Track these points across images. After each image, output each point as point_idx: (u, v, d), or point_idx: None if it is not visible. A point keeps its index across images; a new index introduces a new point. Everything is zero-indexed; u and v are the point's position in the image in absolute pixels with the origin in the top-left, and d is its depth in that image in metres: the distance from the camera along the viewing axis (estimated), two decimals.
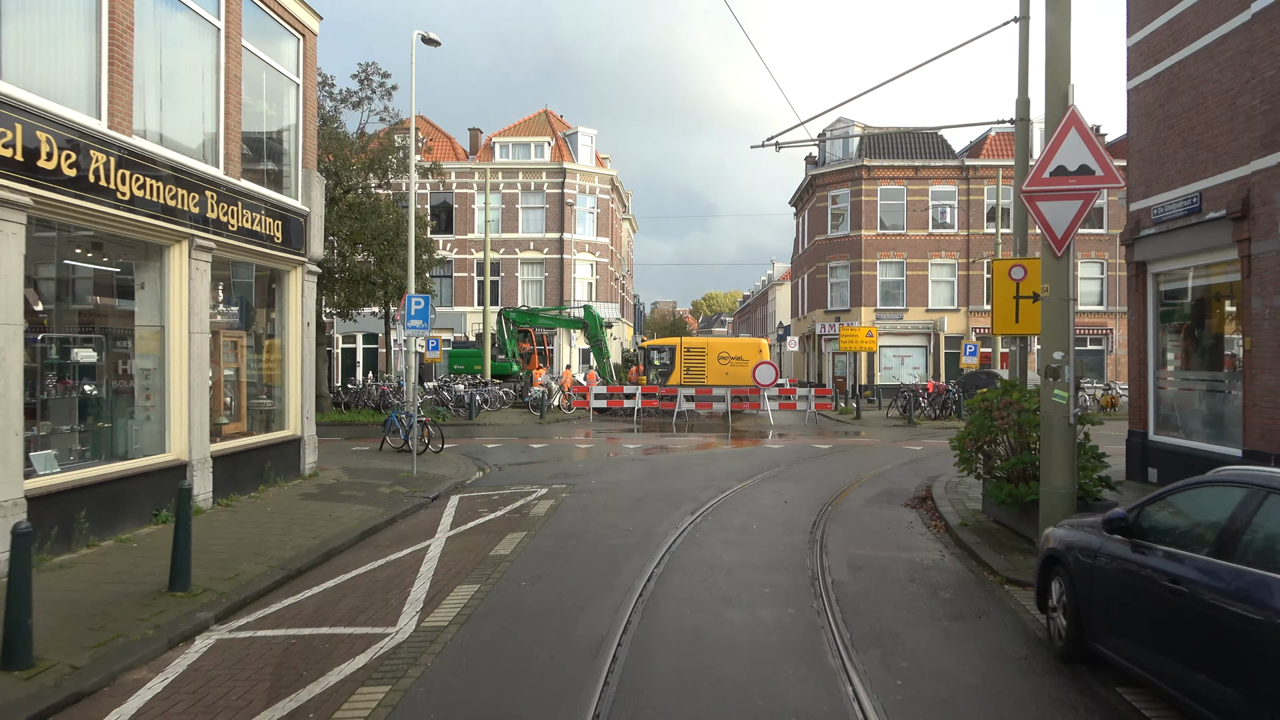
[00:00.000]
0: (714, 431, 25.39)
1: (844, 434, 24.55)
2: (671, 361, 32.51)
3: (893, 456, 18.75)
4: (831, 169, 45.21)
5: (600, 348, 35.83)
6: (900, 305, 43.82)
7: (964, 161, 43.56)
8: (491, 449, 20.35)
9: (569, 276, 45.57)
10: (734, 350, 32.32)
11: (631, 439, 23.04)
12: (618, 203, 52.30)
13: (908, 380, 43.46)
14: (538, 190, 45.71)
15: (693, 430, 25.82)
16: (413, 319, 15.46)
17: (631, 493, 13.63)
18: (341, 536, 10.19)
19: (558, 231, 45.53)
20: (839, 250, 45.03)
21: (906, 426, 26.27)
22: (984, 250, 43.68)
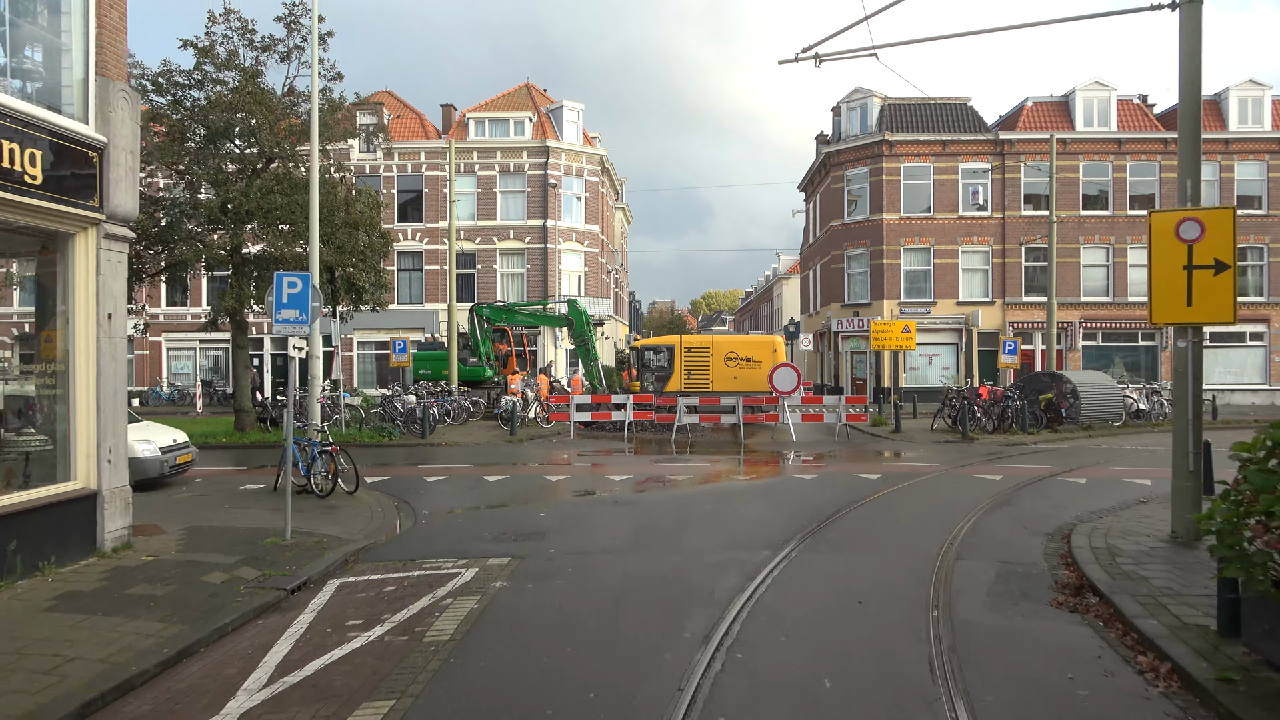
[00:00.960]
0: (723, 452, 20.39)
1: (887, 455, 19.54)
2: (669, 364, 27.50)
3: (970, 493, 13.73)
4: (847, 145, 40.19)
5: (587, 348, 30.81)
6: (927, 298, 38.83)
7: (998, 135, 38.57)
8: (432, 485, 15.32)
9: (554, 269, 40.54)
10: (744, 350, 27.31)
11: (618, 465, 18.00)
12: (609, 188, 47.30)
13: (937, 382, 38.49)
14: (518, 172, 40.68)
15: (696, 450, 20.81)
16: (284, 308, 10.42)
17: (606, 579, 8.60)
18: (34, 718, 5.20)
19: (541, 218, 40.49)
20: (857, 237, 40.02)
21: (961, 443, 21.26)
22: (1022, 235, 38.70)
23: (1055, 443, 21.46)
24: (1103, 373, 27.52)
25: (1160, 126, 39.26)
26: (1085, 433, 23.13)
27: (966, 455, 18.91)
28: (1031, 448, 20.49)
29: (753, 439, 22.81)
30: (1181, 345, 10.46)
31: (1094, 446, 20.84)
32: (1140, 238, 38.18)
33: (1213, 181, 38.54)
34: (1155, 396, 26.43)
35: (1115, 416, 24.54)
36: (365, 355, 41.14)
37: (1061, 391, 24.36)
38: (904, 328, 25.79)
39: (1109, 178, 38.37)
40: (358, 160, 40.52)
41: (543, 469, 17.37)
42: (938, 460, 17.97)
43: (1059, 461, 17.77)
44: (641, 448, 21.46)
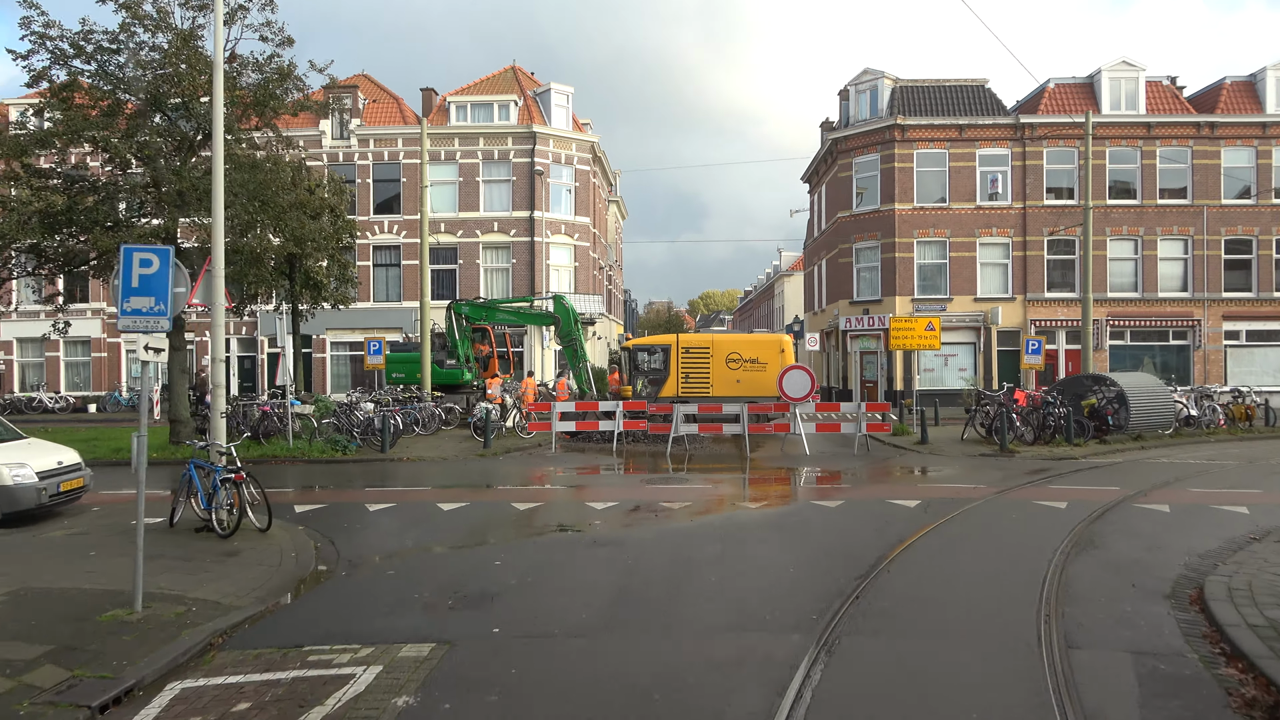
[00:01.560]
0: (726, 468, 17.64)
1: (920, 474, 16.80)
2: (665, 366, 24.73)
3: (1038, 528, 10.99)
4: (856, 130, 37.45)
5: (575, 349, 28.03)
6: (942, 294, 36.10)
7: (1018, 119, 35.84)
8: (373, 516, 12.55)
9: (541, 264, 37.77)
10: (748, 350, 24.55)
11: (604, 487, 15.23)
12: (601, 178, 44.53)
13: (954, 385, 35.79)
14: (503, 159, 37.90)
15: (694, 465, 18.06)
16: (133, 295, 7.62)
17: (565, 694, 5.83)
18: None
19: (527, 209, 37.71)
20: (866, 228, 37.28)
21: (999, 456, 18.52)
22: (1044, 226, 35.98)
23: (1107, 456, 18.73)
24: (1149, 374, 24.88)
25: (1191, 109, 36.54)
26: (1136, 443, 20.40)
27: (1011, 473, 16.15)
28: (1082, 462, 17.75)
29: (760, 452, 20.06)
30: None
31: (1153, 460, 18.11)
32: (1171, 229, 35.61)
33: (1248, 169, 35.87)
34: (1206, 401, 23.70)
35: (1165, 424, 21.82)
36: (339, 357, 38.36)
37: (1107, 396, 21.64)
38: (927, 325, 23.05)
39: (1137, 164, 35.67)
40: (330, 147, 37.75)
41: (513, 493, 14.59)
42: (980, 480, 15.21)
43: (1123, 481, 15.03)
44: (632, 463, 18.70)
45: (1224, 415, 23.48)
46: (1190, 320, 35.70)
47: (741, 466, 17.84)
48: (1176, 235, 35.77)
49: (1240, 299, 35.83)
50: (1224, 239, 35.70)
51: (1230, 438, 22.12)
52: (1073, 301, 35.81)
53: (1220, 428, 23.06)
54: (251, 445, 19.67)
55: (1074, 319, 35.62)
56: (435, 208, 38.00)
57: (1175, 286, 36.09)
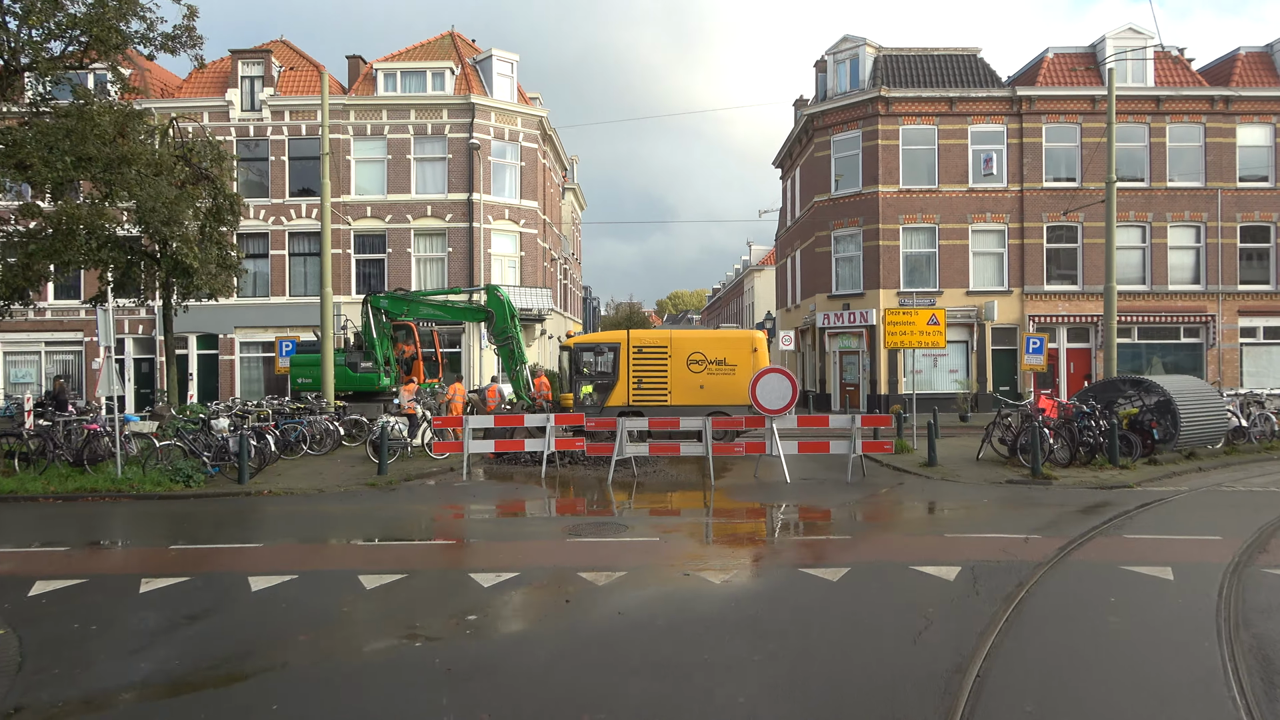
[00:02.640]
0: (682, 505, 13.48)
1: (939, 514, 12.71)
2: (613, 369, 20.51)
3: (1159, 628, 6.95)
4: (835, 104, 33.50)
5: (511, 349, 23.80)
6: (932, 286, 32.25)
7: (1015, 91, 32.10)
8: (138, 599, 8.18)
9: (481, 253, 33.37)
10: (714, 349, 20.42)
11: (504, 545, 10.94)
12: (553, 161, 40.20)
13: (945, 388, 31.94)
14: (437, 135, 33.45)
15: (643, 499, 13.86)
16: None
17: None
18: None
19: (465, 191, 33.30)
20: (846, 214, 33.35)
21: (1032, 484, 14.49)
22: (1044, 210, 32.26)
23: (1164, 482, 14.80)
24: (1194, 377, 21.07)
25: (1204, 82, 33.00)
26: (1191, 463, 16.52)
27: (1061, 512, 12.12)
28: (1139, 492, 13.79)
29: (727, 478, 15.89)
30: None
31: (1227, 488, 14.20)
32: (1183, 214, 32.03)
33: (1266, 148, 32.41)
34: (1256, 409, 19.92)
35: (1216, 438, 17.99)
36: (251, 360, 33.66)
37: (1147, 405, 17.77)
38: (929, 319, 19.04)
39: (1145, 142, 32.08)
40: (239, 119, 33.08)
41: (374, 554, 10.29)
42: (1024, 524, 11.14)
43: (1215, 524, 11.10)
44: (561, 498, 14.46)
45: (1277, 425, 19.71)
46: (1203, 316, 32.16)
47: (703, 501, 13.67)
48: (1188, 221, 32.21)
49: (1257, 292, 32.37)
50: (1239, 226, 32.23)
51: None
52: (1075, 295, 32.18)
53: (1277, 440, 19.30)
54: (71, 474, 15.14)
55: (1076, 314, 31.98)
56: (361, 189, 33.55)
57: (1186, 278, 32.55)
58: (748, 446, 15.18)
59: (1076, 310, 32.17)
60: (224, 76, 33.69)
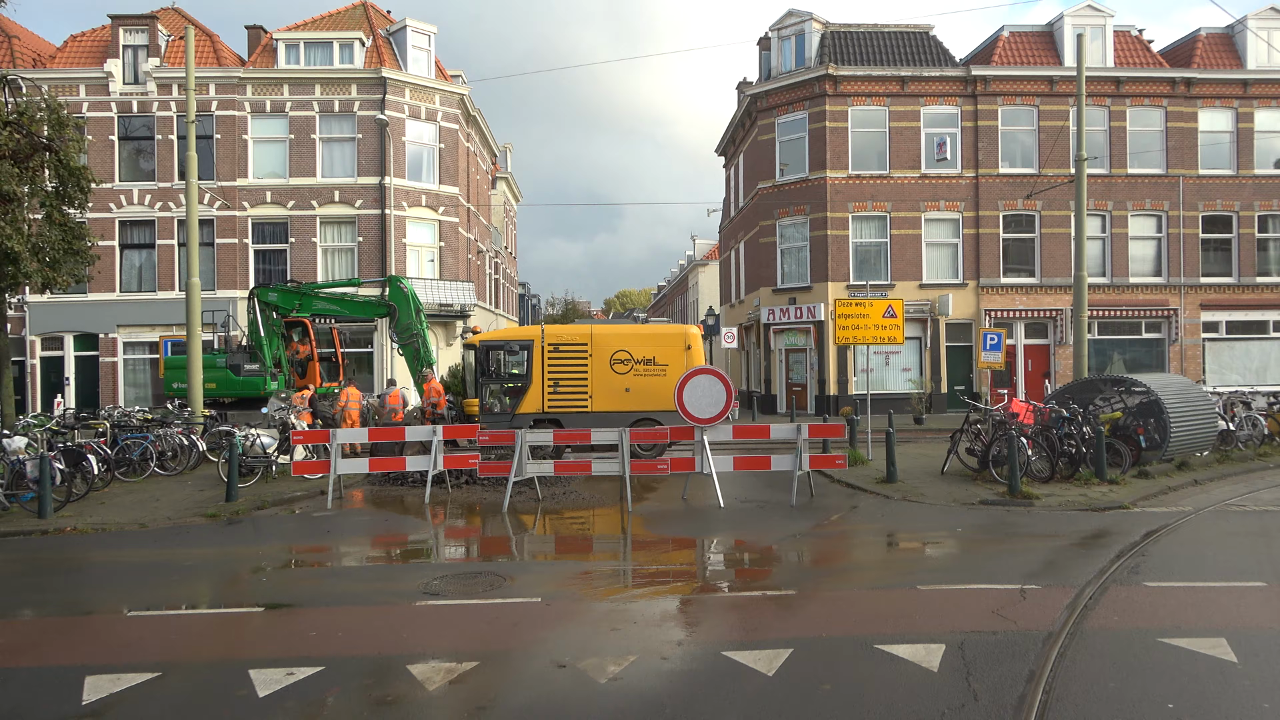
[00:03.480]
0: (586, 543, 10.84)
1: (906, 554, 10.24)
2: (526, 371, 17.79)
3: None
4: (780, 84, 31.16)
5: (416, 349, 20.98)
6: (883, 279, 30.08)
7: (969, 71, 30.08)
8: None
9: (395, 243, 30.34)
10: (641, 347, 17.82)
11: (327, 612, 8.03)
12: (479, 145, 37.26)
13: (897, 388, 29.82)
14: (345, 113, 30.33)
15: (539, 533, 11.19)
16: None
17: None
18: None
19: (377, 175, 30.24)
20: (792, 201, 31.03)
21: (1009, 505, 12.12)
22: (1000, 199, 30.31)
23: (1162, 500, 12.57)
24: (1179, 375, 18.99)
25: (1165, 64, 31.37)
26: (1185, 475, 14.36)
27: (1054, 547, 9.74)
28: (1139, 514, 11.53)
29: (650, 502, 13.29)
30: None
31: (1238, 507, 12.00)
32: (1143, 203, 30.34)
33: (1228, 133, 30.86)
34: (1242, 410, 17.93)
35: (1206, 443, 15.91)
36: (136, 362, 30.17)
37: (1129, 407, 15.63)
38: (885, 310, 16.65)
39: (1105, 127, 30.31)
40: (121, 93, 29.58)
41: (125, 636, 7.44)
42: (1016, 568, 8.72)
43: (1251, 562, 8.85)
44: (440, 533, 11.70)
45: (1260, 433, 17.75)
46: (1165, 310, 30.49)
47: (617, 537, 11.04)
48: (1149, 210, 30.52)
49: (1220, 285, 30.82)
50: (1201, 215, 30.64)
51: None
52: (1033, 288, 30.29)
53: (1271, 445, 17.33)
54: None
55: (1034, 308, 30.09)
56: (260, 172, 30.29)
57: (1148, 270, 30.87)
58: (674, 463, 12.57)
59: (1034, 304, 30.30)
60: (104, 46, 30.15)
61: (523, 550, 10.32)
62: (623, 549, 10.25)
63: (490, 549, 10.50)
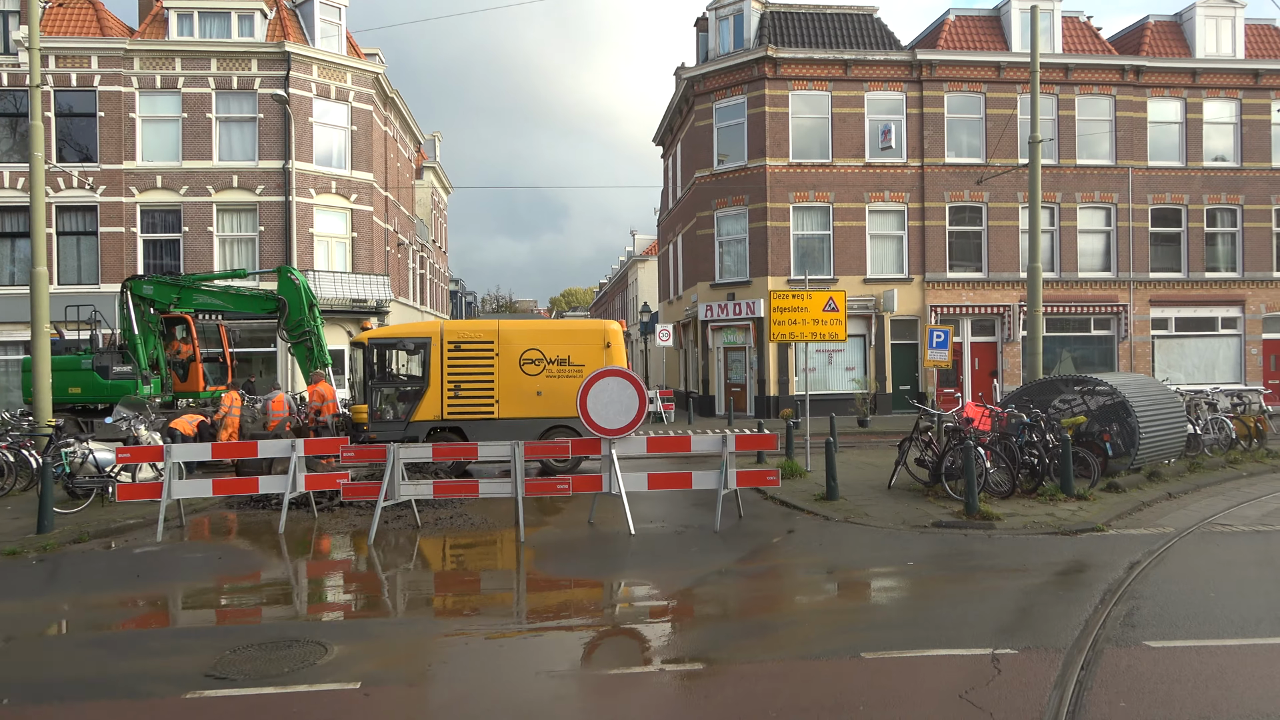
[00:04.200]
0: (462, 580, 8.81)
1: (849, 601, 8.37)
2: (423, 372, 15.66)
3: None
4: (717, 67, 29.39)
5: (309, 348, 18.72)
6: (825, 273, 28.49)
7: (915, 55, 28.65)
8: None
9: (301, 232, 27.87)
10: (555, 345, 15.81)
11: (87, 700, 5.98)
12: (398, 129, 34.85)
13: (841, 389, 28.28)
14: (245, 90, 27.76)
15: (402, 575, 9.12)
16: None
17: None
18: None
19: (280, 159, 27.72)
20: (731, 191, 29.29)
21: (967, 527, 10.39)
22: (946, 189, 28.95)
23: (1137, 518, 10.98)
24: (1142, 374, 17.49)
25: (1114, 51, 30.34)
26: (1158, 487, 12.84)
27: (1025, 586, 8.00)
28: (1116, 538, 9.90)
29: (549, 529, 11.31)
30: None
31: (1223, 526, 10.45)
32: (1092, 195, 29.25)
33: (1177, 123, 29.93)
34: (1207, 413, 16.57)
35: (1174, 450, 14.46)
36: (10, 363, 27.22)
37: (1090, 409, 14.11)
38: (826, 303, 14.88)
39: (1053, 115, 29.12)
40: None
41: None
42: (979, 618, 6.94)
43: (1263, 607, 7.18)
44: (289, 571, 9.56)
45: (1227, 434, 16.41)
46: (1114, 306, 29.43)
47: (494, 577, 9.03)
48: (1098, 203, 29.42)
49: (1169, 280, 29.89)
50: (1150, 208, 29.65)
51: (1267, 466, 14.97)
52: (980, 283, 28.99)
53: (1238, 450, 15.99)
54: None
55: (982, 304, 28.79)
56: (150, 154, 27.57)
57: (1097, 265, 29.79)
58: (576, 482, 10.58)
59: (982, 300, 29.00)
60: None
61: (366, 601, 8.25)
62: (494, 599, 8.24)
63: (325, 599, 8.42)
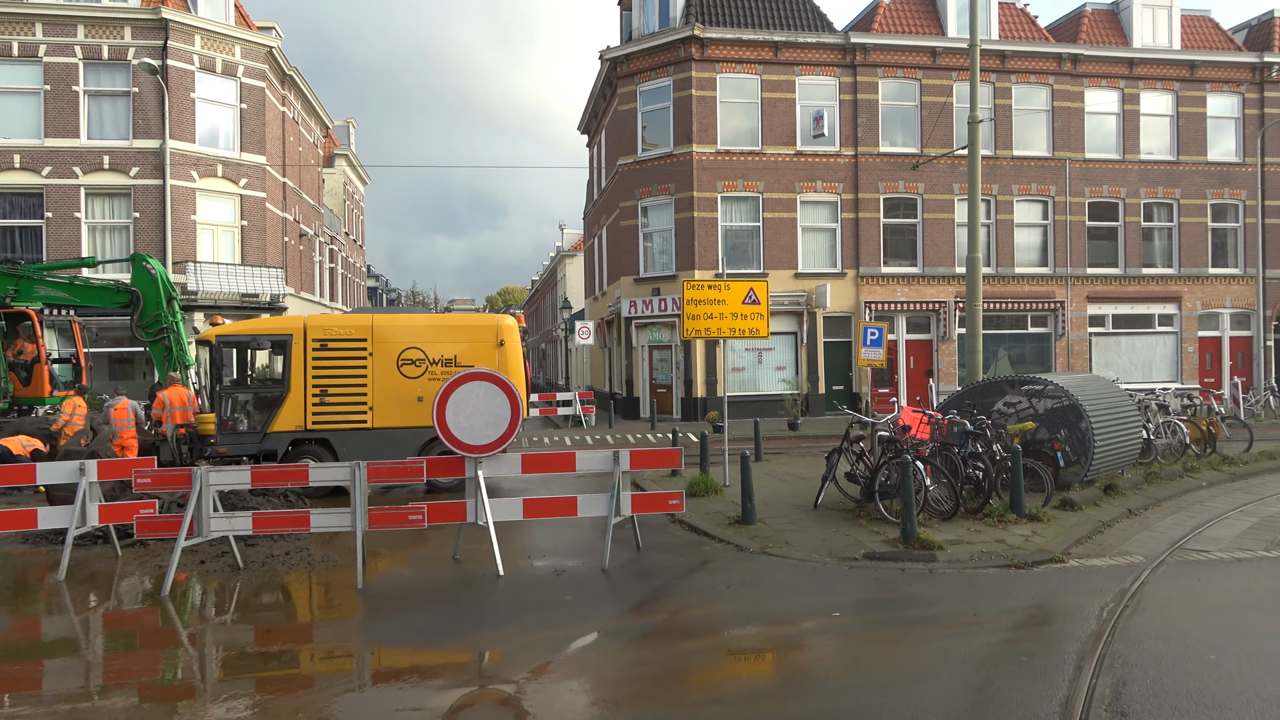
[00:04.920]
0: (276, 644, 6.71)
1: (769, 683, 6.57)
2: (284, 374, 13.44)
3: None
4: (641, 46, 27.55)
5: (167, 347, 16.36)
6: (755, 267, 26.88)
7: (848, 39, 27.19)
8: None
9: (181, 220, 25.22)
10: (438, 343, 13.75)
11: None
12: (299, 110, 32.25)
13: (771, 389, 26.72)
14: (118, 61, 25.00)
15: (205, 615, 7.02)
16: None
17: None
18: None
19: (157, 137, 25.03)
20: (656, 179, 27.49)
21: (904, 558, 8.69)
22: (880, 180, 27.57)
23: (1098, 543, 9.42)
24: (1093, 374, 16.02)
25: (1051, 38, 29.35)
26: (1116, 503, 11.35)
27: (979, 649, 6.29)
28: (1077, 571, 8.31)
29: (401, 569, 9.30)
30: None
31: (1197, 554, 8.92)
32: (1029, 187, 28.19)
33: (1115, 114, 29.06)
34: (1160, 416, 15.26)
35: (1129, 458, 13.05)
36: None
37: (1041, 414, 12.63)
38: (746, 294, 13.09)
39: (990, 104, 27.93)
40: None
41: None
42: (924, 699, 5.18)
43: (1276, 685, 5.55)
44: (25, 646, 7.38)
45: (1178, 441, 15.12)
46: (1051, 303, 28.41)
47: (294, 654, 7.00)
48: (1036, 195, 28.36)
49: (1106, 276, 29.00)
50: (1088, 201, 28.71)
51: (1225, 475, 13.64)
52: (915, 278, 27.71)
53: (1191, 455, 14.69)
54: None
55: (917, 300, 27.52)
56: (6, 131, 24.63)
57: (1034, 260, 28.74)
58: (433, 511, 8.58)
59: (917, 296, 27.70)
60: None
61: (101, 700, 6.14)
62: (281, 682, 6.21)
63: (33, 694, 6.30)
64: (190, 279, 24.53)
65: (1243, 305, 29.65)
